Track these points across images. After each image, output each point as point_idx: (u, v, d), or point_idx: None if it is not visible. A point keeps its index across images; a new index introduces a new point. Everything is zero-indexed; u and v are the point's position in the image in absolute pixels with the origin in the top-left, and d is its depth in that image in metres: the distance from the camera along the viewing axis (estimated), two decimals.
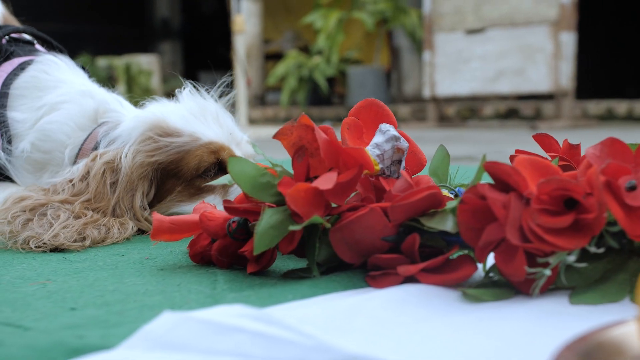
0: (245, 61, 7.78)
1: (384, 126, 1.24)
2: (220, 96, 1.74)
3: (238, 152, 1.64)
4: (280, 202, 1.13)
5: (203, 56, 13.00)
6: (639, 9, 11.55)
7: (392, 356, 0.77)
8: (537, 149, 1.34)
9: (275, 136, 1.17)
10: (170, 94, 1.76)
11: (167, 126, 1.61)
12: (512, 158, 1.29)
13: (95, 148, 1.65)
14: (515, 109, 9.10)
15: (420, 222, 1.08)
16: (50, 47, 2.00)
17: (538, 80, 7.88)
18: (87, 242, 1.44)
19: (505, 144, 5.23)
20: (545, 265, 0.97)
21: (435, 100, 8.63)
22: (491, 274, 1.05)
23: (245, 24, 8.39)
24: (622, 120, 8.51)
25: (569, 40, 7.66)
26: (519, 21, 7.93)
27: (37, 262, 1.34)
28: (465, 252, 1.08)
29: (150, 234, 1.25)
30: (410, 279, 1.06)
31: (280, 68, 10.50)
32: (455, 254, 1.07)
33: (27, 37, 1.99)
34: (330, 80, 10.72)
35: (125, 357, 0.76)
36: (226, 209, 1.19)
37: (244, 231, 1.19)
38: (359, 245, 1.11)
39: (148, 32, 15.42)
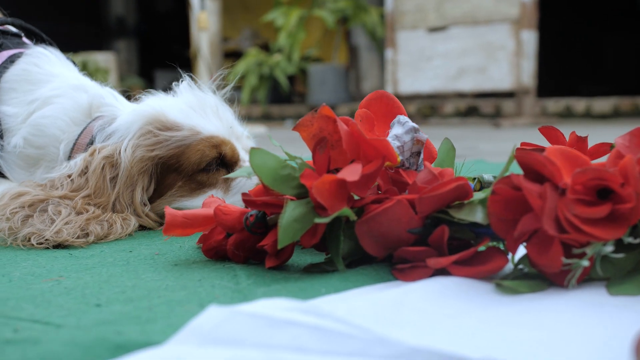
0: (209, 58, 7.72)
1: (402, 118, 1.22)
2: None
3: (239, 146, 1.61)
4: (301, 194, 1.11)
5: (159, 54, 12.86)
6: (596, 9, 11.71)
7: (451, 347, 0.75)
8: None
9: (295, 128, 1.15)
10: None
11: (166, 120, 1.58)
12: (519, 151, 1.28)
13: (91, 143, 1.61)
14: (475, 107, 9.16)
15: (448, 214, 1.07)
16: (39, 40, 1.95)
17: (500, 78, 7.95)
18: (91, 238, 1.40)
19: (473, 140, 5.25)
20: (579, 256, 0.96)
21: (398, 97, 8.63)
22: (521, 266, 1.04)
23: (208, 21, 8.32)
24: (580, 117, 8.63)
25: (530, 38, 7.74)
26: (481, 19, 7.99)
27: (43, 258, 1.29)
28: (492, 243, 1.07)
29: (163, 229, 1.22)
30: (438, 271, 1.04)
31: (241, 66, 10.43)
32: (483, 246, 1.06)
33: (13, 29, 1.93)
34: (290, 78, 10.67)
35: (178, 353, 0.73)
36: (245, 201, 1.17)
37: (262, 225, 1.17)
38: (385, 238, 1.09)
39: (103, 30, 15.23)
